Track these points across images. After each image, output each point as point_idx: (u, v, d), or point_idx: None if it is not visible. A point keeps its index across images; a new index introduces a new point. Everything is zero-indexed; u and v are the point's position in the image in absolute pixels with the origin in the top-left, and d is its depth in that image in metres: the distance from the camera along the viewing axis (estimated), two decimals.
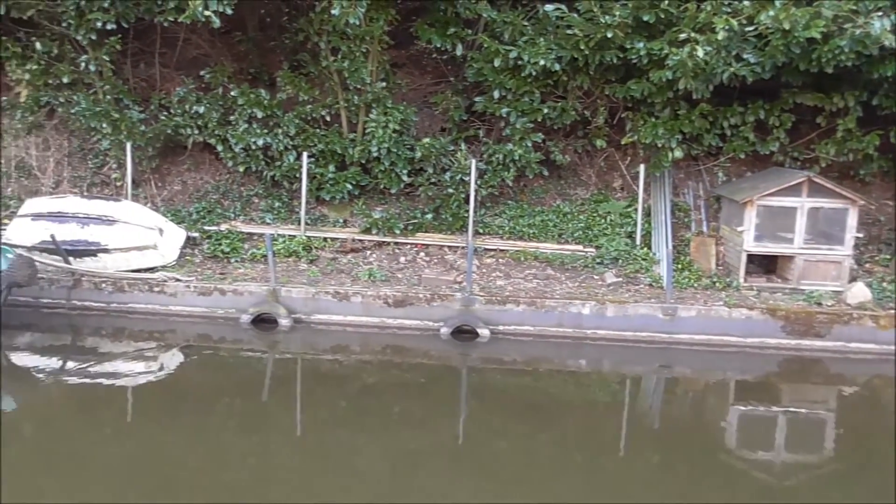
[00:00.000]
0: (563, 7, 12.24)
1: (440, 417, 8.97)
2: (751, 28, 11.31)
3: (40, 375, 10.04)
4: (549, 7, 12.34)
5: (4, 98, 14.43)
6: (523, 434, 8.42)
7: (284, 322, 11.30)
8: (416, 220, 13.17)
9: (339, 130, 13.40)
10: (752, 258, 12.03)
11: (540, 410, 9.22)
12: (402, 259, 12.89)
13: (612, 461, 7.90)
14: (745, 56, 11.47)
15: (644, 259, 12.55)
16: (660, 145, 12.67)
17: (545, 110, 12.80)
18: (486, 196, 13.34)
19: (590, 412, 9.41)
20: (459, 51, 13.02)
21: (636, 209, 13.16)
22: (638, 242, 12.93)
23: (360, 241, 13.10)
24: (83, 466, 7.25)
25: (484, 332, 11.16)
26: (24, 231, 11.73)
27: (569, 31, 12.12)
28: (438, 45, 13.05)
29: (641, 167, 13.12)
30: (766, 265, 12.35)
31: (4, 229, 12.10)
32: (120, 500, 6.65)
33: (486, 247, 12.92)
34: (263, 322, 11.40)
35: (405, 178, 13.21)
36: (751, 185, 12.43)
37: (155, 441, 7.86)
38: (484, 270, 12.51)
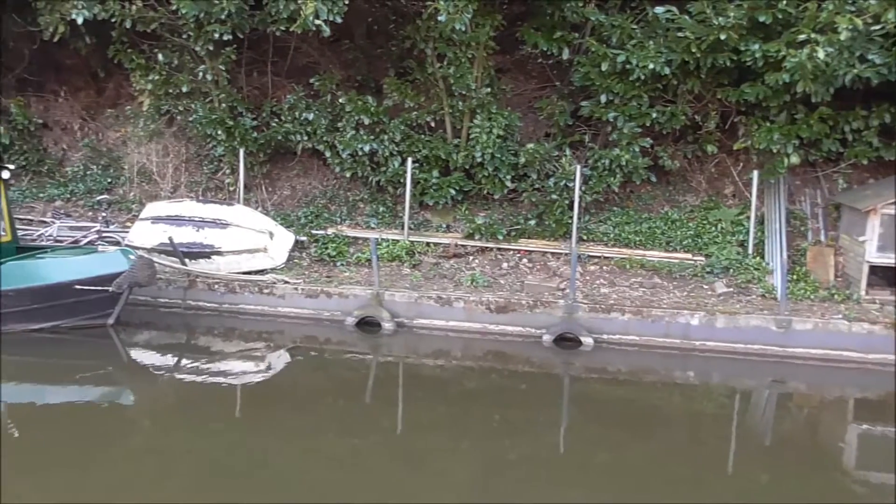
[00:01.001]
0: (673, 9, 11.93)
1: (541, 425, 8.86)
2: (877, 27, 10.70)
3: (157, 371, 10.53)
4: (659, 9, 12.05)
5: (128, 107, 15.21)
6: (626, 446, 8.20)
7: (387, 326, 11.43)
8: (519, 226, 13.09)
9: (444, 136, 13.49)
10: (874, 270, 11.38)
11: (644, 422, 8.98)
12: (505, 265, 12.84)
13: (718, 478, 7.59)
14: (869, 57, 10.87)
15: (756, 269, 12.06)
16: (775, 151, 12.14)
17: (654, 115, 12.50)
18: (590, 202, 13.13)
19: (696, 426, 9.10)
20: (566, 55, 12.88)
21: (748, 217, 12.67)
22: (750, 251, 12.43)
23: (463, 246, 13.13)
24: (191, 459, 7.52)
25: (587, 340, 10.97)
26: (145, 234, 12.32)
27: (679, 34, 11.80)
28: (544, 50, 12.94)
29: (755, 173, 12.61)
30: (890, 277, 11.64)
31: (127, 232, 12.74)
32: (224, 492, 6.85)
33: (591, 254, 12.71)
34: (367, 325, 11.57)
35: (509, 183, 13.17)
36: (874, 192, 11.76)
37: (260, 437, 8.07)
38: (588, 278, 12.31)
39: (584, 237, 13.01)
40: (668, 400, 10.01)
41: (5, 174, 11.74)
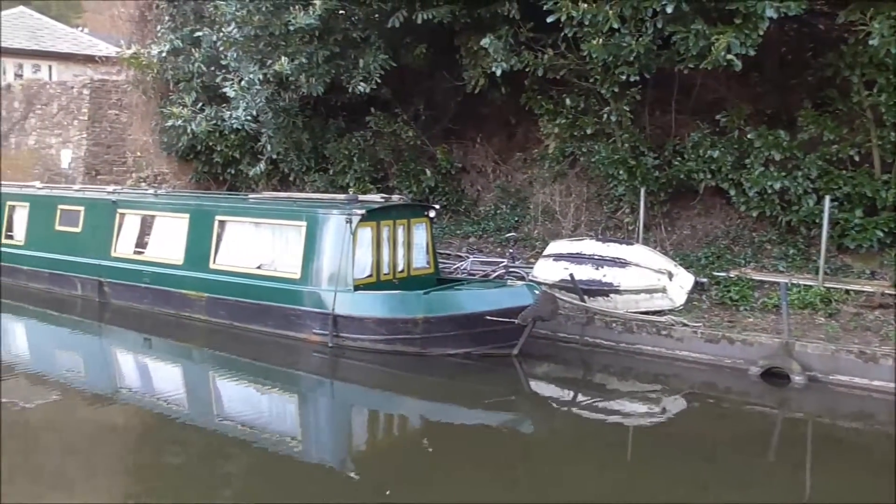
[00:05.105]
0: None
1: None
2: None
3: (555, 404, 10.84)
4: None
5: (535, 150, 16.14)
6: None
7: (798, 379, 10.40)
8: None
9: (870, 171, 12.03)
10: None
11: None
12: None
13: None
14: None
15: None
16: None
17: None
18: None
19: None
20: None
21: None
22: None
23: (892, 295, 11.49)
24: (576, 495, 7.52)
25: None
26: (548, 270, 12.82)
27: None
28: None
29: None
30: None
31: (531, 267, 13.42)
32: None
33: None
34: (773, 376, 10.65)
35: None
36: None
37: (650, 483, 7.80)
38: None
39: None
40: None
41: (432, 213, 13.19)
